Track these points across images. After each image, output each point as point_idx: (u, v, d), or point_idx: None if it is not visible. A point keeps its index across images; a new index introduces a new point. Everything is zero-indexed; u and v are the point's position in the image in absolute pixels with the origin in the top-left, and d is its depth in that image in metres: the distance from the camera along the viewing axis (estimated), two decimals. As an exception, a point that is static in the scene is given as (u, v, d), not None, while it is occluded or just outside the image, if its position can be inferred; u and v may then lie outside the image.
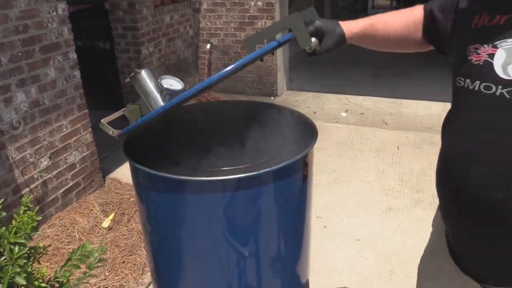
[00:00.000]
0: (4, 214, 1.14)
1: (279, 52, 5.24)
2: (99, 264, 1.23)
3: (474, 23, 0.92)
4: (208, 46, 5.34)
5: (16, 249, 1.06)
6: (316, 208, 2.99)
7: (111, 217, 2.91)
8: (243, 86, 5.42)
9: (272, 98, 5.31)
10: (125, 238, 2.73)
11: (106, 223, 2.85)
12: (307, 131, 1.56)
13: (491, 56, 0.85)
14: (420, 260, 1.33)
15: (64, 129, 2.96)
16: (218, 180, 1.28)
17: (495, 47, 0.85)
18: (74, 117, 3.01)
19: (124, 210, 3.01)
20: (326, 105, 5.02)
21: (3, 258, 1.06)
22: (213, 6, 5.18)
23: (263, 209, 1.37)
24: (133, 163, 1.36)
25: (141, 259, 2.54)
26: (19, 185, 2.65)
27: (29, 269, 1.10)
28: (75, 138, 3.06)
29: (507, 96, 0.82)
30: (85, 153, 3.18)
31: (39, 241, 2.66)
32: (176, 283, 1.54)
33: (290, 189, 1.42)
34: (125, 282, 2.38)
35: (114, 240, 2.71)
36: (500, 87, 0.83)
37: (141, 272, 2.45)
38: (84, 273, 1.20)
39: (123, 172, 3.52)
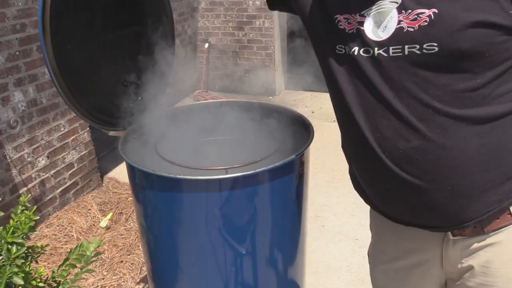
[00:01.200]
0: (1, 213, 1.14)
1: (278, 51, 5.24)
2: (95, 258, 1.22)
3: None
4: (206, 45, 5.34)
5: (14, 248, 1.06)
6: (314, 207, 2.99)
7: (109, 216, 2.91)
8: (241, 85, 5.42)
9: (270, 97, 5.31)
10: (123, 238, 2.73)
11: (104, 222, 2.85)
12: (304, 130, 1.57)
13: (361, 23, 0.94)
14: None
15: (62, 128, 2.96)
16: (214, 179, 1.29)
17: (363, 15, 0.94)
18: (72, 116, 3.01)
19: (122, 210, 3.01)
20: (324, 104, 5.02)
21: (0, 258, 1.06)
22: (211, 5, 5.18)
23: (259, 208, 1.37)
24: (130, 162, 1.36)
25: (139, 258, 2.54)
26: (16, 185, 2.65)
27: (27, 269, 1.10)
28: (72, 137, 3.06)
29: (385, 54, 0.91)
30: (83, 152, 3.18)
31: (36, 240, 2.66)
32: (173, 282, 1.54)
33: (286, 188, 1.42)
34: (123, 281, 2.38)
35: (112, 239, 2.71)
36: (376, 48, 0.92)
37: (139, 271, 2.45)
38: (82, 268, 1.20)
39: (121, 172, 3.52)
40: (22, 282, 1.03)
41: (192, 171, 1.37)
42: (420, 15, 0.86)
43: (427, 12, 0.85)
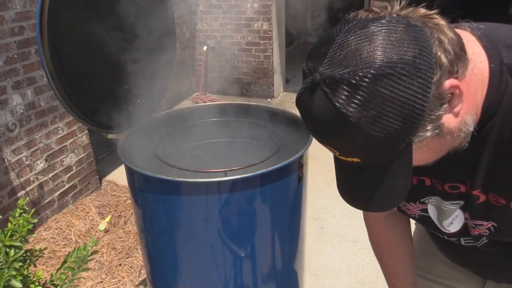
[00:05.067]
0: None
1: (276, 53, 5.25)
2: (92, 257, 1.21)
3: None
4: (205, 48, 5.34)
5: (12, 252, 1.06)
6: (313, 209, 2.99)
7: (107, 219, 2.90)
8: (240, 88, 5.43)
9: (269, 100, 5.31)
10: (121, 241, 2.72)
11: (102, 225, 2.84)
12: (303, 133, 1.56)
13: (425, 210, 0.88)
14: None
15: (60, 131, 2.95)
16: (213, 182, 1.28)
17: (423, 203, 0.88)
18: (70, 119, 3.00)
19: (120, 213, 3.00)
20: (322, 106, 5.02)
21: (-2, 261, 1.05)
22: (209, 8, 5.18)
23: (258, 211, 1.37)
24: (129, 165, 1.36)
25: (137, 261, 2.53)
26: (15, 188, 2.64)
27: (25, 272, 1.09)
28: (71, 140, 3.05)
29: (457, 243, 0.88)
30: (82, 155, 3.17)
31: (35, 244, 2.65)
32: (172, 285, 1.54)
33: (285, 191, 1.42)
34: (122, 284, 2.38)
35: (111, 242, 2.71)
36: (445, 236, 0.88)
37: (137, 274, 2.45)
38: (78, 266, 1.19)
39: (120, 174, 3.51)
40: (20, 285, 1.02)
41: (191, 174, 1.37)
42: (478, 226, 0.81)
43: (486, 224, 0.80)
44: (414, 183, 0.86)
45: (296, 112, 1.74)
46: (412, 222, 1.12)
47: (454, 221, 0.85)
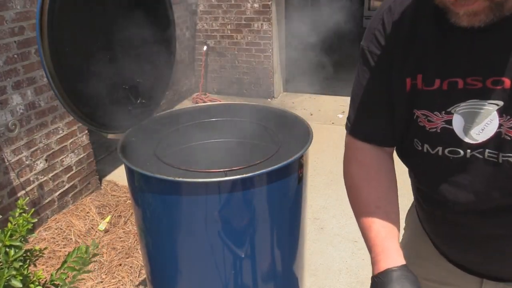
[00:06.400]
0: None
1: (276, 54, 5.25)
2: (94, 259, 1.22)
3: (409, 86, 0.87)
4: (205, 48, 5.34)
5: (12, 251, 1.06)
6: (313, 209, 2.99)
7: (107, 219, 2.90)
8: (239, 88, 5.43)
9: (268, 99, 5.31)
10: (121, 241, 2.72)
11: (102, 225, 2.84)
12: (303, 133, 1.57)
13: (448, 122, 0.82)
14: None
15: (60, 131, 2.95)
16: (213, 182, 1.28)
17: (449, 113, 0.81)
18: (70, 119, 3.00)
19: (120, 213, 3.00)
20: (322, 106, 5.03)
21: (-2, 261, 1.05)
22: (209, 8, 5.19)
23: (258, 211, 1.37)
24: (129, 165, 1.36)
25: (137, 261, 2.53)
26: (14, 188, 2.64)
27: (25, 272, 1.09)
28: (71, 140, 3.05)
29: (480, 156, 0.81)
30: (82, 155, 3.17)
31: (35, 244, 2.65)
32: (172, 285, 1.54)
33: (285, 191, 1.42)
34: (122, 284, 2.38)
35: (111, 242, 2.71)
36: (468, 150, 0.81)
37: (137, 274, 2.44)
38: (79, 269, 1.20)
39: (120, 174, 3.51)
40: (20, 285, 1.02)
41: (191, 174, 1.37)
42: None
43: None
44: (445, 88, 0.80)
45: (296, 112, 1.75)
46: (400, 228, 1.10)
47: (486, 127, 0.78)
